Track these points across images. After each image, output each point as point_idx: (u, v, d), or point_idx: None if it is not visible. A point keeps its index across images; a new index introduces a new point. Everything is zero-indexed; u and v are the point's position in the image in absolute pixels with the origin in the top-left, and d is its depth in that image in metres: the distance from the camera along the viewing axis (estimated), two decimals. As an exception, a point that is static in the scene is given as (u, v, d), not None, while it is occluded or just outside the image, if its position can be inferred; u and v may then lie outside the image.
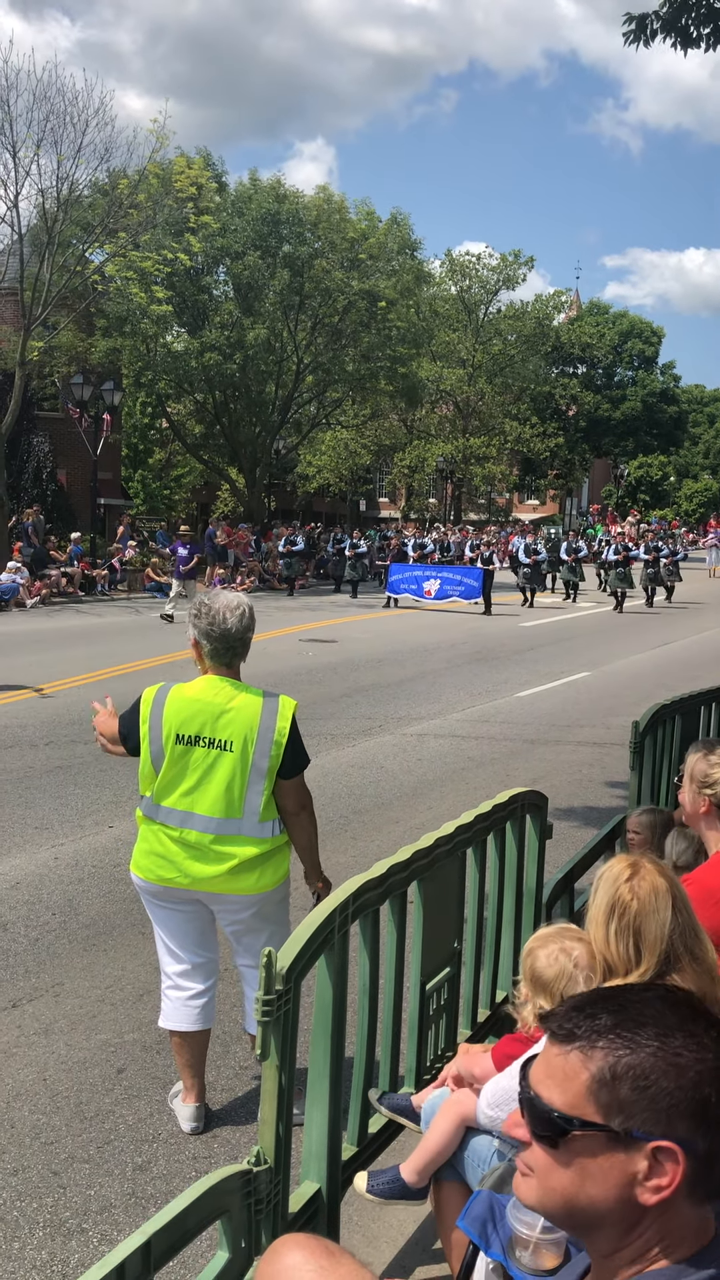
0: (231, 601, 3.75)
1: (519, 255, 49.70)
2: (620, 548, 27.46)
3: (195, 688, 3.73)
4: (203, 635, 3.71)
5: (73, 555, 26.72)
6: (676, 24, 8.54)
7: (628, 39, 8.52)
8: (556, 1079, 1.24)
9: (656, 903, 2.32)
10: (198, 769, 3.65)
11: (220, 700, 3.68)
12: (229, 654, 3.74)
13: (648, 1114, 1.18)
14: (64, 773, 8.68)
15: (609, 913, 2.32)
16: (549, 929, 2.63)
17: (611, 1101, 1.20)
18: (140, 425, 44.50)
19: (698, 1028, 1.23)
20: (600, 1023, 1.24)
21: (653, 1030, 1.22)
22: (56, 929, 5.60)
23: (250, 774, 3.64)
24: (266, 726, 3.65)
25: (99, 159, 25.33)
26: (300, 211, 33.10)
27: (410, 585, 26.47)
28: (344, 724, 11.05)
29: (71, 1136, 3.77)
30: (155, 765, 3.68)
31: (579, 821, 7.60)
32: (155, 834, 3.72)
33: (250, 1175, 2.32)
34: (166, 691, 3.74)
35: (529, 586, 26.69)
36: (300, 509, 52.23)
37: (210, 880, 3.66)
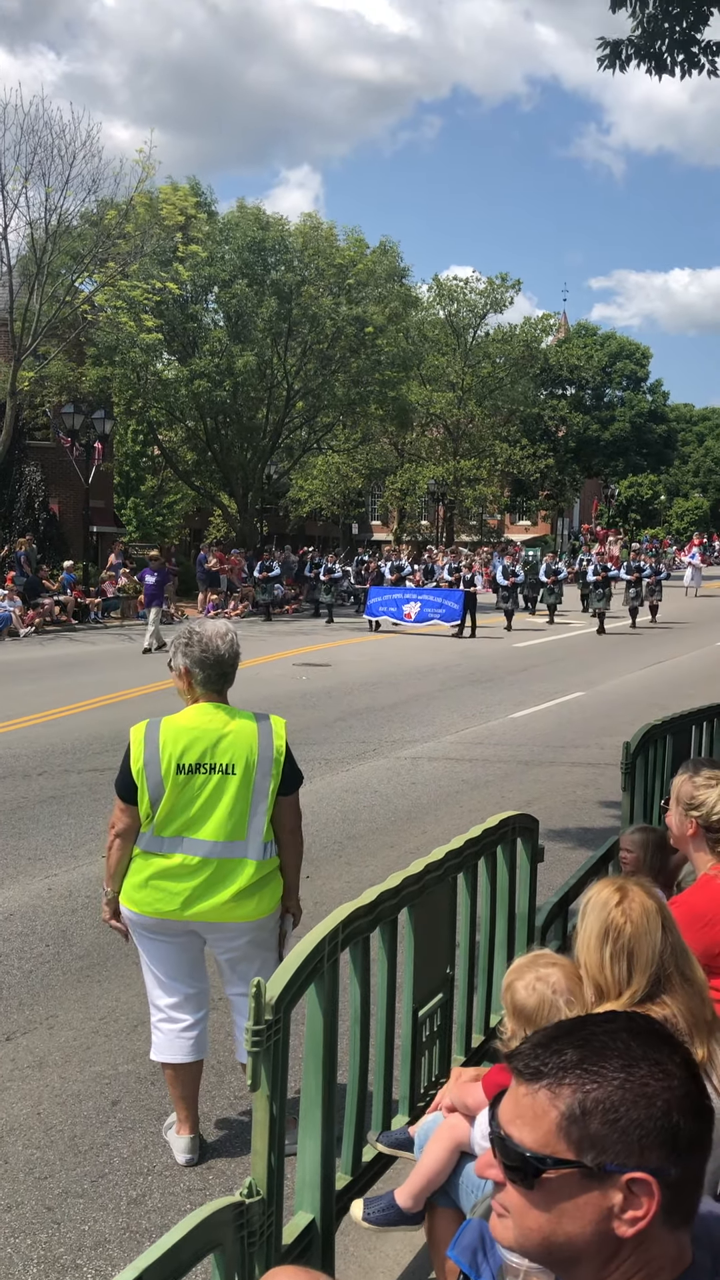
0: (220, 628, 3.80)
1: (506, 279, 50.07)
2: (600, 568, 26.78)
3: (188, 716, 3.75)
4: (195, 664, 3.73)
5: (65, 583, 26.73)
6: (650, 50, 8.64)
7: (602, 64, 8.61)
8: (526, 1118, 1.23)
9: (648, 924, 2.32)
10: (201, 796, 3.66)
11: (217, 725, 3.71)
12: (221, 680, 3.78)
13: (620, 1147, 1.18)
14: (57, 803, 8.66)
15: (603, 937, 2.32)
16: (522, 959, 2.62)
17: (583, 1137, 1.20)
18: (132, 453, 44.63)
19: (662, 1055, 1.23)
20: (566, 1058, 1.23)
21: (618, 1061, 1.22)
22: (50, 960, 5.58)
23: (254, 795, 3.68)
24: (265, 747, 3.70)
25: (87, 190, 25.58)
26: (286, 239, 33.36)
27: (390, 608, 26.00)
28: (338, 748, 11.05)
29: (65, 1171, 3.75)
30: (154, 800, 3.67)
31: (573, 843, 7.59)
32: (153, 866, 3.70)
33: (243, 1207, 2.31)
34: (158, 725, 3.75)
35: (508, 609, 26.27)
36: (293, 533, 52.33)
37: (210, 909, 3.67)
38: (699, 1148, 1.22)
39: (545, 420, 59.04)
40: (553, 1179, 1.20)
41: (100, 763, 10.04)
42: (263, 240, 32.57)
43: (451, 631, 24.16)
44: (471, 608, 24.66)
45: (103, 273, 26.88)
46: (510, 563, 27.99)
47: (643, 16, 8.40)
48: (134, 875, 3.75)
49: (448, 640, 23.09)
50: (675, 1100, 1.20)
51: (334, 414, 37.75)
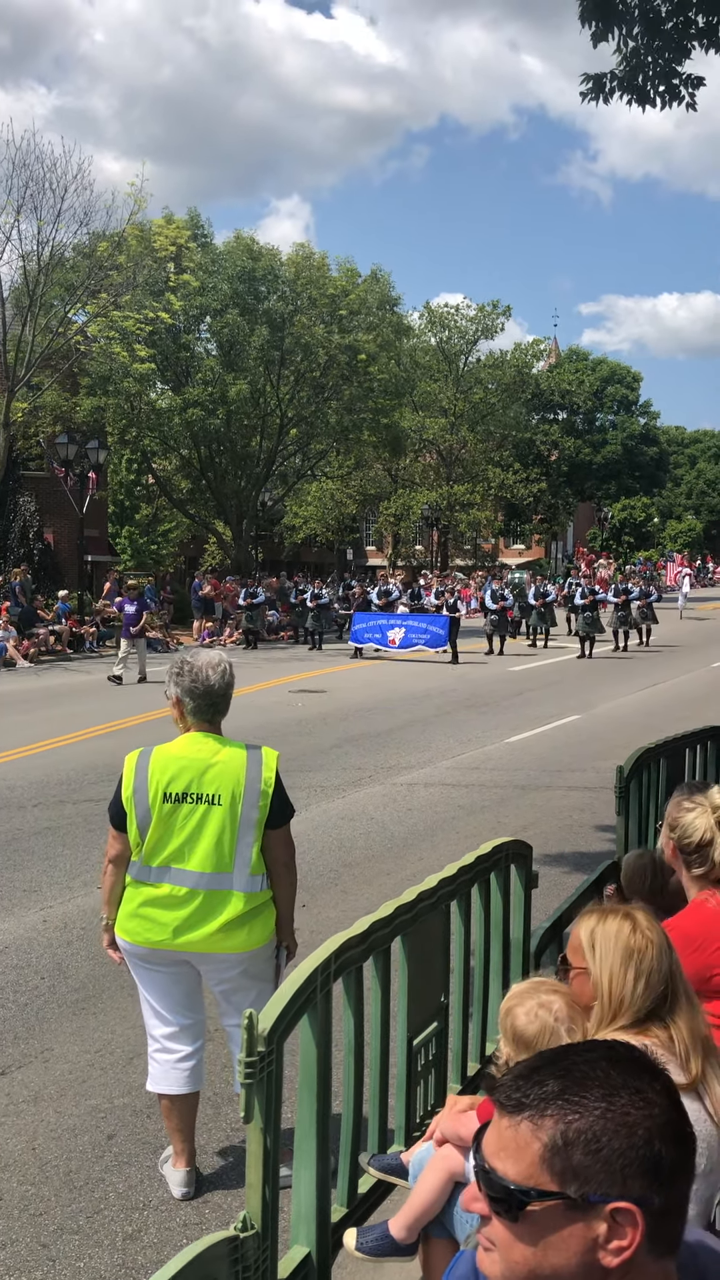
0: (212, 659, 3.80)
1: (497, 305, 50.52)
2: (587, 591, 26.09)
3: (178, 746, 3.76)
4: (186, 693, 3.75)
5: (60, 613, 26.75)
6: (633, 83, 8.77)
7: (585, 97, 8.73)
8: (509, 1150, 1.23)
9: (663, 942, 2.36)
10: (187, 825, 3.66)
11: (205, 755, 3.70)
12: (211, 710, 3.78)
13: (603, 1177, 1.18)
14: (52, 834, 8.64)
15: (626, 961, 2.32)
16: (522, 986, 2.61)
17: (566, 1168, 1.19)
18: (126, 482, 44.72)
19: (642, 1083, 1.24)
20: (547, 1089, 1.23)
21: (599, 1091, 1.22)
22: (45, 993, 5.55)
23: (240, 826, 3.66)
24: (253, 778, 3.69)
25: (79, 223, 25.82)
26: (277, 268, 33.63)
27: (374, 634, 25.70)
28: (333, 775, 11.04)
29: (61, 1207, 3.72)
30: (142, 828, 3.68)
31: (569, 867, 7.58)
32: (143, 895, 3.71)
33: (237, 1241, 2.30)
34: (149, 753, 3.76)
35: (496, 634, 25.80)
36: (288, 559, 52.44)
37: (200, 940, 3.65)
38: (682, 1175, 1.23)
39: (538, 445, 59.35)
40: (537, 1211, 1.20)
41: (96, 793, 10.02)
42: (254, 270, 32.83)
43: (446, 658, 23.88)
44: (454, 633, 24.34)
45: (95, 304, 27.09)
46: (499, 587, 27.65)
47: (626, 50, 8.52)
48: (126, 904, 3.76)
49: (443, 665, 23.08)
50: (657, 1128, 1.20)
51: (327, 441, 37.96)
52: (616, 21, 8.37)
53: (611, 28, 8.39)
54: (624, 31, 8.48)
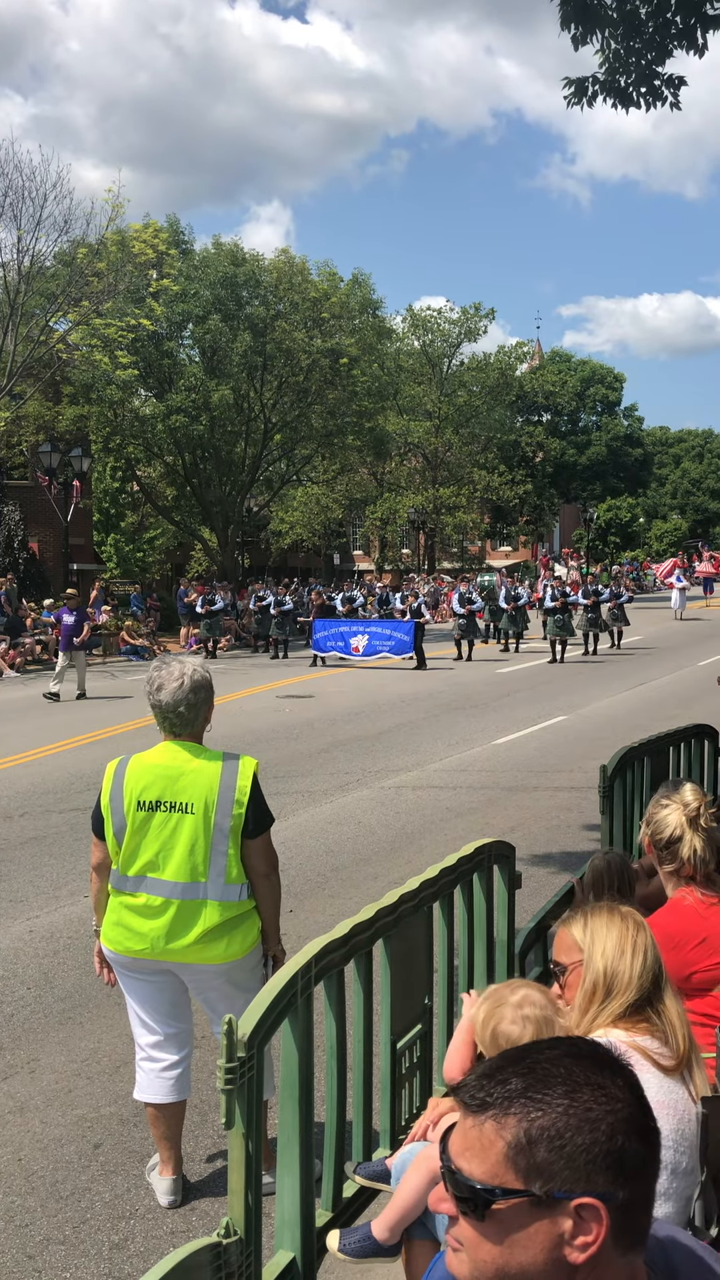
0: (174, 672, 3.70)
1: (479, 308, 50.68)
2: (558, 593, 24.87)
3: (154, 754, 3.75)
4: (150, 703, 3.74)
5: (44, 621, 26.64)
6: (615, 85, 8.80)
7: (569, 102, 8.76)
8: (474, 1150, 1.23)
9: (649, 930, 2.43)
10: (160, 834, 3.64)
11: (179, 763, 3.68)
12: (166, 724, 3.73)
13: (567, 1173, 1.19)
14: (39, 844, 8.61)
15: (622, 941, 2.37)
16: (485, 1002, 2.56)
17: (530, 1166, 1.20)
18: (111, 489, 44.67)
19: (604, 1078, 1.24)
20: (511, 1088, 1.23)
21: (561, 1088, 1.22)
22: (31, 1003, 5.53)
23: (214, 835, 3.62)
24: (227, 786, 3.64)
25: (59, 231, 25.78)
26: (260, 274, 33.67)
27: (336, 641, 24.93)
28: (321, 780, 11.03)
29: (47, 1217, 3.70)
30: (118, 835, 3.67)
31: (556, 867, 7.59)
32: (122, 904, 3.70)
33: (220, 1248, 2.29)
34: (126, 761, 3.75)
35: (465, 639, 24.82)
36: (275, 565, 52.45)
37: (179, 950, 3.64)
38: (646, 1170, 1.23)
39: (522, 446, 59.51)
40: (503, 1210, 1.20)
41: (82, 802, 9.99)
42: (235, 275, 32.86)
43: (411, 665, 23.23)
44: (420, 639, 23.73)
45: (77, 311, 27.05)
46: (466, 589, 26.57)
47: (608, 53, 8.55)
48: (109, 913, 3.75)
49: (432, 669, 23.05)
50: (619, 1123, 1.20)
51: (312, 446, 38.01)
52: (597, 25, 8.40)
53: (593, 31, 8.43)
54: (605, 34, 8.51)
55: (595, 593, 26.22)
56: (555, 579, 27.92)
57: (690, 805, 3.30)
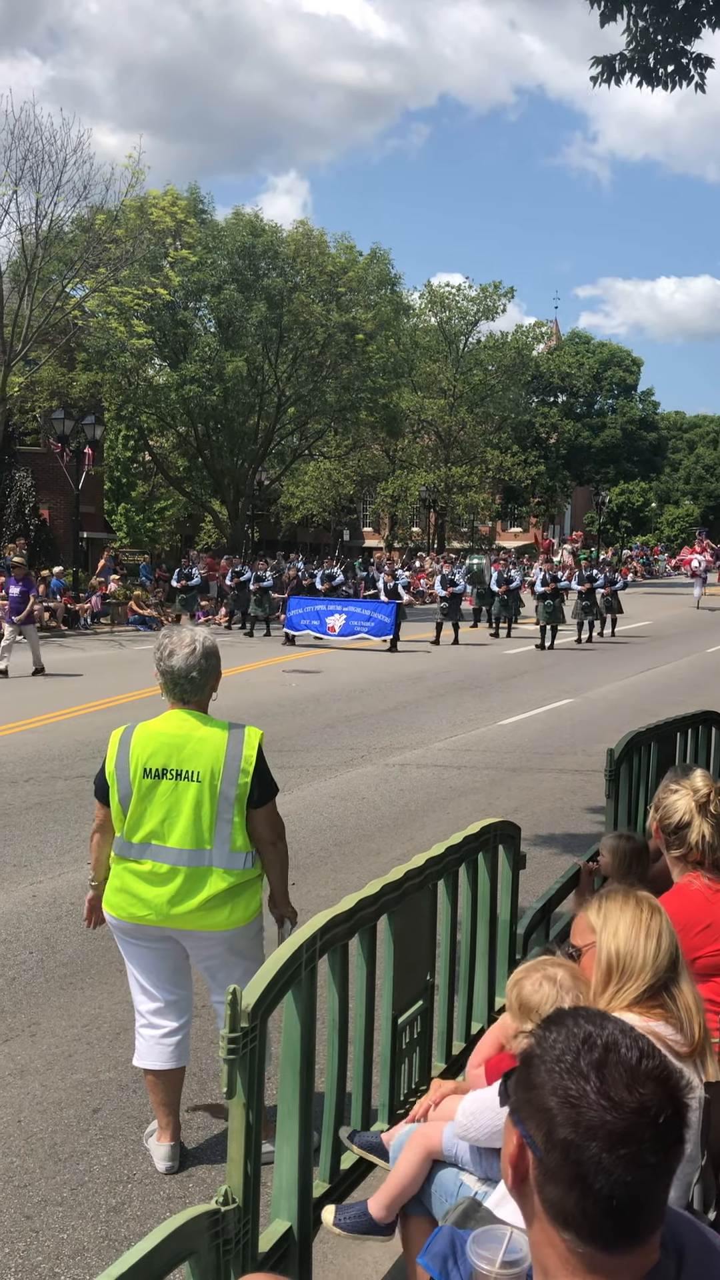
0: (185, 638, 3.74)
1: (499, 286, 50.30)
2: (549, 577, 23.90)
3: (160, 722, 3.75)
4: (158, 670, 3.74)
5: (53, 589, 26.68)
6: (643, 63, 8.70)
7: (596, 81, 8.66)
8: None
9: (665, 913, 2.43)
10: (165, 801, 3.65)
11: (185, 731, 3.69)
12: (177, 689, 3.74)
13: (526, 1110, 1.33)
14: (43, 810, 8.64)
15: (635, 925, 2.37)
16: (528, 964, 2.63)
17: (518, 1081, 1.37)
18: (123, 458, 44.67)
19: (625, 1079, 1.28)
20: (563, 1030, 1.36)
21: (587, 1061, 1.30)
22: (34, 968, 5.56)
23: (219, 804, 3.64)
24: (233, 756, 3.66)
25: (78, 196, 25.61)
26: (277, 245, 33.45)
27: (311, 620, 23.48)
28: (326, 755, 11.05)
29: (45, 1179, 3.74)
30: (123, 803, 3.68)
31: (559, 849, 7.60)
32: (127, 871, 3.71)
33: (218, 1215, 2.30)
34: (132, 729, 3.76)
35: (448, 621, 23.64)
36: (285, 539, 52.41)
37: (182, 916, 3.65)
38: (585, 1171, 1.26)
39: (537, 427, 59.22)
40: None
41: (87, 769, 10.00)
42: (253, 246, 32.64)
43: (384, 646, 22.39)
44: (399, 621, 22.88)
45: (94, 278, 26.91)
46: (449, 571, 25.31)
47: (635, 30, 8.44)
48: (112, 879, 3.77)
49: (439, 646, 23.01)
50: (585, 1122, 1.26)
51: (325, 420, 37.86)
52: (625, 1, 8.29)
53: (620, 7, 8.32)
54: (633, 11, 8.40)
55: (590, 578, 25.35)
56: (547, 563, 26.88)
57: (700, 791, 3.29)
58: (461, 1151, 2.58)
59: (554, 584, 23.56)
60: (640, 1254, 1.30)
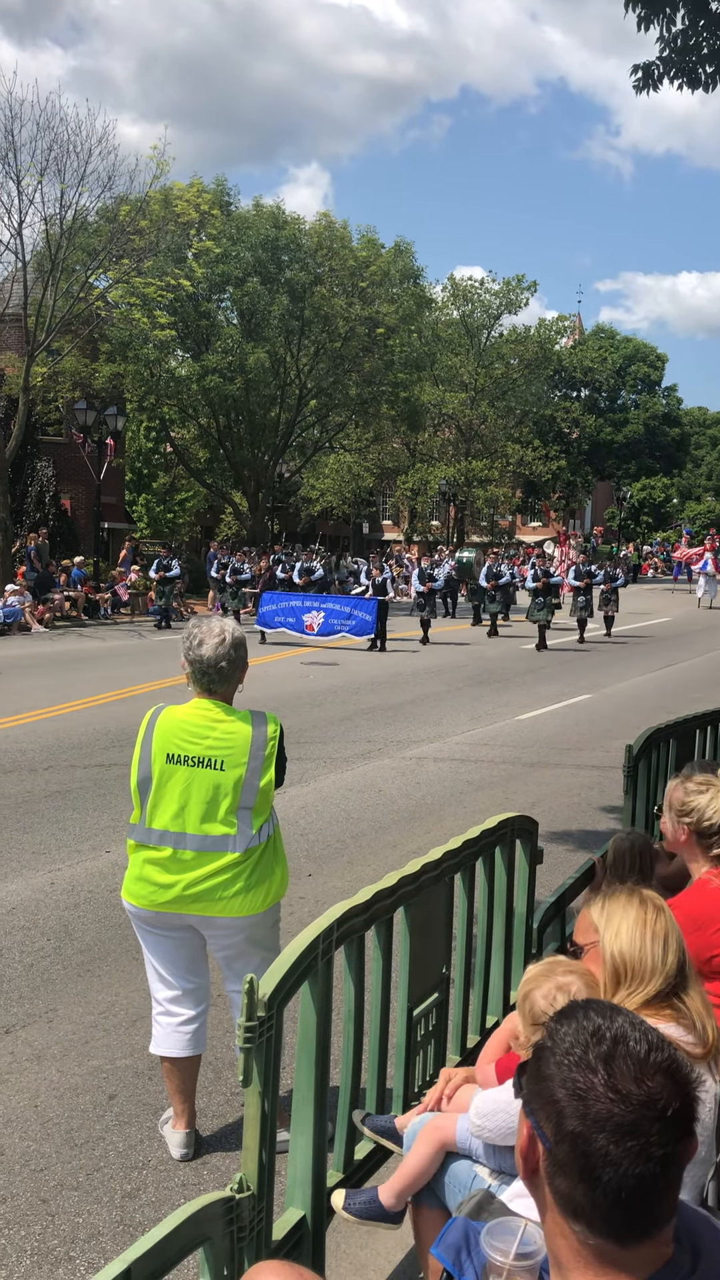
0: (215, 629, 3.76)
1: (521, 280, 50.08)
2: (540, 572, 22.19)
3: (185, 710, 3.78)
4: (186, 660, 3.77)
5: (74, 579, 26.79)
6: (683, 65, 8.63)
7: (638, 88, 8.60)
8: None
9: (671, 916, 2.41)
10: (186, 788, 3.67)
11: (208, 720, 3.72)
12: (205, 679, 3.76)
13: (536, 1103, 1.35)
14: (62, 798, 8.69)
15: (640, 926, 2.35)
16: (538, 967, 2.59)
17: (531, 1074, 1.39)
18: (144, 449, 44.73)
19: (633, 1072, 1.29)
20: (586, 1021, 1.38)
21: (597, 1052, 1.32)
22: (51, 954, 5.60)
23: (242, 791, 3.67)
24: (257, 744, 3.70)
25: (102, 186, 25.64)
26: (300, 238, 33.41)
27: (287, 618, 21.86)
28: (343, 747, 11.06)
29: (61, 1164, 3.77)
30: (143, 787, 3.71)
31: (575, 845, 7.59)
32: (146, 858, 3.73)
33: (233, 1202, 2.32)
34: (159, 713, 3.79)
35: (425, 618, 22.43)
36: (304, 531, 52.42)
37: (201, 904, 3.67)
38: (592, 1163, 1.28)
39: (558, 422, 58.95)
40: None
41: (106, 758, 10.08)
42: (277, 238, 32.61)
43: (365, 646, 21.11)
44: (383, 619, 21.32)
45: (117, 269, 26.95)
46: (428, 565, 23.81)
47: (673, 34, 8.39)
48: (131, 868, 3.78)
49: (457, 641, 22.97)
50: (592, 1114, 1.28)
51: (346, 413, 37.82)
52: (663, 4, 8.23)
53: (659, 11, 8.26)
54: (668, 15, 8.35)
55: (588, 574, 23.89)
56: (539, 557, 25.45)
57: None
58: (475, 1145, 2.59)
59: (546, 579, 22.18)
60: (652, 1247, 1.31)
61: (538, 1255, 1.64)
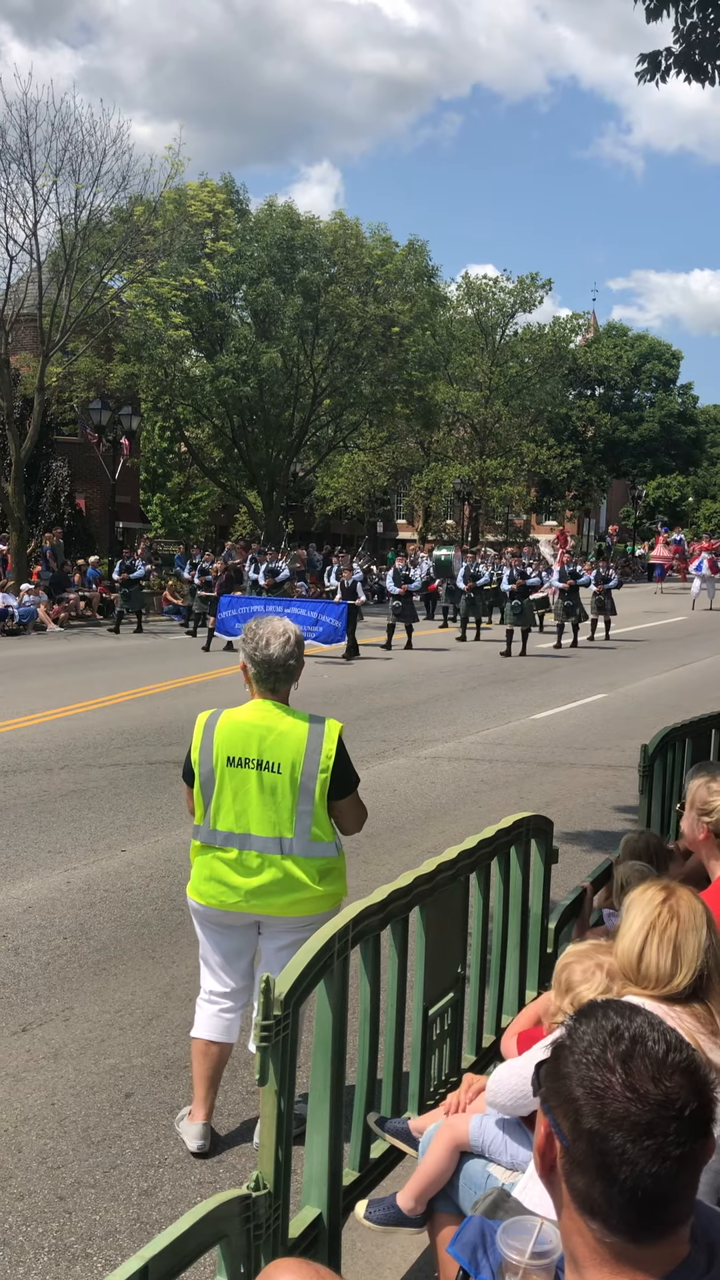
0: (278, 628, 3.81)
1: (536, 278, 49.94)
2: (516, 573, 20.76)
3: (244, 712, 3.82)
4: (248, 659, 3.80)
5: (89, 578, 26.87)
6: (690, 58, 8.61)
7: (642, 78, 8.57)
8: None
9: (695, 921, 2.35)
10: (249, 791, 3.71)
11: (269, 722, 3.76)
12: (272, 679, 3.81)
13: (554, 1100, 1.35)
14: (79, 796, 8.73)
15: (648, 929, 2.32)
16: (581, 945, 2.61)
17: (548, 1072, 1.39)
18: (159, 449, 44.87)
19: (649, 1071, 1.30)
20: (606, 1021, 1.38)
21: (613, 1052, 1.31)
22: (67, 953, 5.63)
23: (299, 795, 3.70)
24: (314, 749, 3.73)
25: (116, 187, 25.70)
26: (315, 237, 33.42)
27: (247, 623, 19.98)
28: (357, 746, 11.02)
29: (78, 1161, 3.79)
30: (206, 790, 3.76)
31: (590, 845, 7.58)
32: (214, 859, 3.78)
33: (249, 1200, 2.33)
34: (218, 716, 3.82)
35: (398, 622, 20.98)
36: (318, 531, 52.47)
37: (266, 904, 3.73)
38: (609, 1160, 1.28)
39: (573, 420, 58.81)
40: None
41: (122, 757, 10.11)
42: (292, 238, 32.63)
43: (339, 654, 19.41)
44: (353, 623, 19.75)
45: (131, 269, 27.01)
46: (403, 565, 22.41)
47: (684, 27, 8.36)
48: (200, 869, 3.83)
49: (436, 646, 22.74)
50: (609, 1113, 1.28)
51: (360, 412, 37.81)
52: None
53: (667, 4, 8.24)
54: (680, 9, 8.32)
55: (573, 574, 22.05)
56: (515, 557, 23.43)
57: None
58: (488, 1140, 2.60)
59: (521, 581, 20.72)
60: (669, 1246, 1.31)
61: (554, 1254, 1.65)
